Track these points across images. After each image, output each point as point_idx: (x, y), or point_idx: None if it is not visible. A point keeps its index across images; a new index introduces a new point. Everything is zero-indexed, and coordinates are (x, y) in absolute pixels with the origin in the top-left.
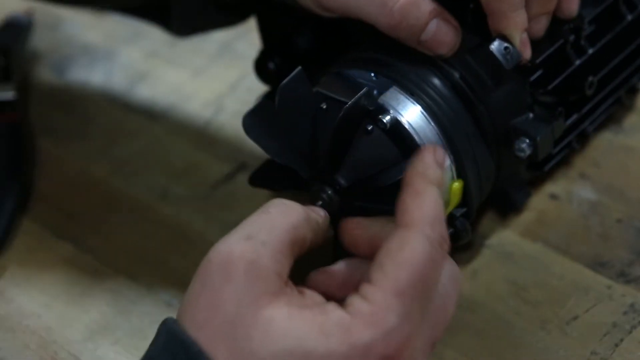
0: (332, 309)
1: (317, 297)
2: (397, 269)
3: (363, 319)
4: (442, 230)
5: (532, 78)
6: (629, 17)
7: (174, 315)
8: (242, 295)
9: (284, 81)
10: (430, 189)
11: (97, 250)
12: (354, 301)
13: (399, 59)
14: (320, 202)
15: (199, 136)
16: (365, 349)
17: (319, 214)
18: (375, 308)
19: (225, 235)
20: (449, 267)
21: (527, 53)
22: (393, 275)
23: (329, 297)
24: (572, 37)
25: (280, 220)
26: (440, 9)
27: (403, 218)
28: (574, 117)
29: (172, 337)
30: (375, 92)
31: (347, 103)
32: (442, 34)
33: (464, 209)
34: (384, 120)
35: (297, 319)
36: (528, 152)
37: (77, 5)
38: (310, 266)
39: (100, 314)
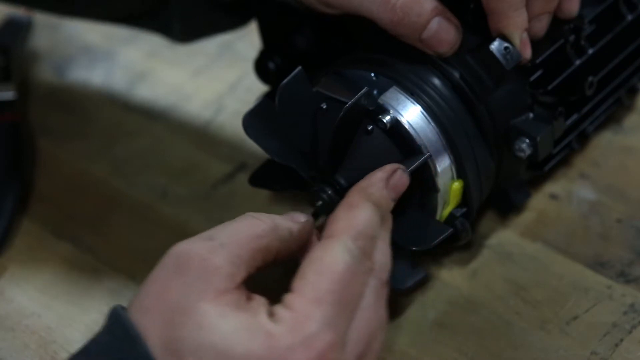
0: (262, 313)
1: (263, 304)
2: (315, 277)
3: (284, 325)
4: (366, 246)
5: (532, 78)
6: (629, 17)
7: None
8: (188, 287)
9: (284, 81)
10: (364, 205)
11: (97, 250)
12: (278, 310)
13: (399, 59)
14: (320, 202)
15: (199, 136)
16: (285, 354)
17: (298, 220)
18: (295, 314)
19: None
20: (375, 283)
21: (527, 53)
22: (312, 283)
23: None
24: (572, 37)
25: (245, 229)
26: (442, 7)
27: (329, 228)
28: (574, 117)
29: (115, 320)
30: (375, 92)
31: (347, 103)
32: (443, 32)
33: (464, 209)
34: (384, 120)
35: (229, 317)
36: (528, 152)
37: (75, 16)
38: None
39: (100, 314)
